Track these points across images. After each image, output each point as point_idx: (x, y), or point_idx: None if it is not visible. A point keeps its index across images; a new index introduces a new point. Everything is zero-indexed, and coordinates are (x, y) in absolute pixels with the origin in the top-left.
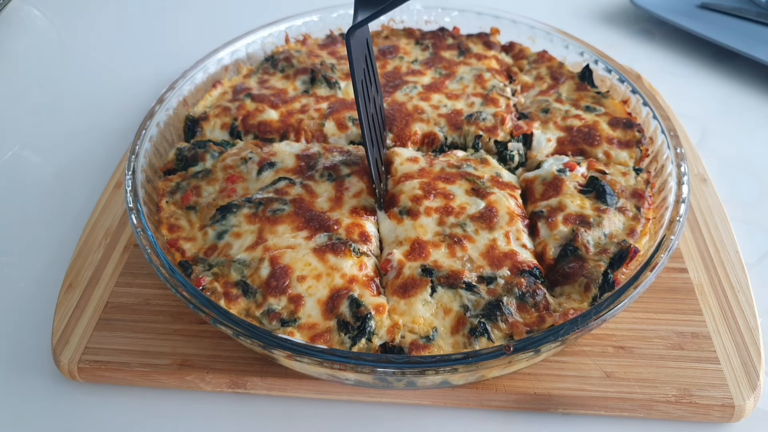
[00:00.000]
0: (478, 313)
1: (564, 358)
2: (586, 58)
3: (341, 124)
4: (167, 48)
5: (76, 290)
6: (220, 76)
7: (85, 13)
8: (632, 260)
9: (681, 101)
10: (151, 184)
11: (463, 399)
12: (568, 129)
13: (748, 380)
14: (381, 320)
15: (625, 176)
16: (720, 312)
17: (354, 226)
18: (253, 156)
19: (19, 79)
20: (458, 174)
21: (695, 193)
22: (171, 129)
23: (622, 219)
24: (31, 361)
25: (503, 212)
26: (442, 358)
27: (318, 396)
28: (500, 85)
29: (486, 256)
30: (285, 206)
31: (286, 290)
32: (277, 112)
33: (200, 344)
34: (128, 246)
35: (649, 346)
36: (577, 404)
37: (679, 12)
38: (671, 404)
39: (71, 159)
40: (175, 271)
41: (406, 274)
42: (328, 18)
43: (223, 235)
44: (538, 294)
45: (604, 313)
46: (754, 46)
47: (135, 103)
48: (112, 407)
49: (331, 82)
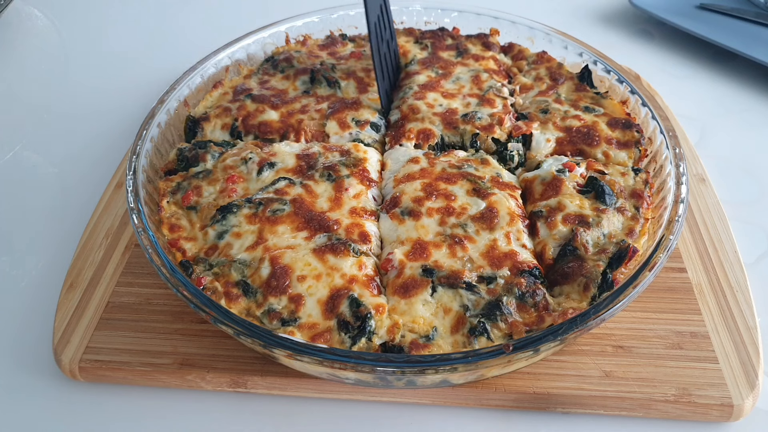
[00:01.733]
0: (478, 312)
1: (563, 357)
2: (585, 59)
3: (343, 123)
4: (168, 49)
5: (77, 290)
6: (221, 77)
7: (86, 14)
8: (631, 260)
9: (680, 101)
10: (152, 184)
11: (463, 398)
12: (567, 129)
13: (746, 380)
14: (381, 320)
15: (623, 176)
16: (719, 312)
17: (354, 226)
18: (254, 156)
19: (20, 80)
20: (459, 174)
21: (694, 193)
22: (172, 129)
23: (621, 219)
24: (32, 361)
25: (504, 212)
26: (441, 357)
27: (318, 395)
28: (497, 86)
29: (486, 256)
30: (285, 206)
31: (286, 290)
32: (278, 113)
33: (201, 344)
34: (129, 246)
35: (648, 346)
36: (576, 403)
37: (677, 12)
38: (670, 403)
39: (72, 159)
40: (176, 271)
41: (407, 274)
42: (328, 19)
43: (224, 235)
44: (538, 294)
45: (603, 312)
46: (753, 46)
47: (136, 104)
48: (113, 406)
49: (331, 82)
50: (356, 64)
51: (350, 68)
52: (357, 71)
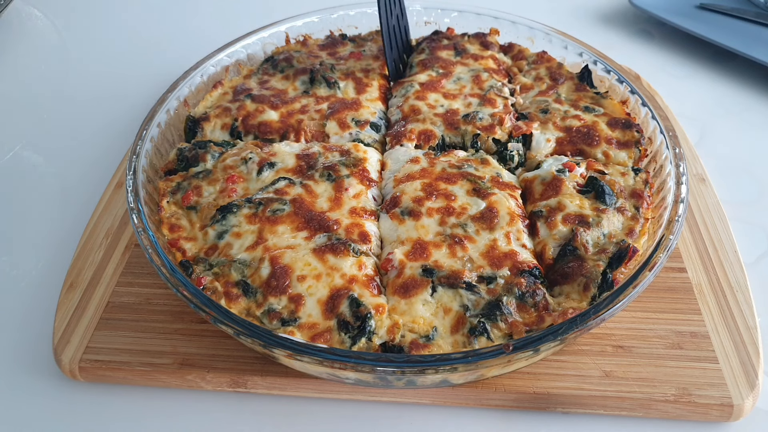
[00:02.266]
0: (478, 312)
1: (563, 357)
2: (585, 59)
3: (343, 124)
4: (168, 49)
5: (77, 290)
6: (221, 77)
7: (86, 14)
8: (631, 260)
9: (680, 101)
10: (152, 184)
11: (463, 398)
12: (568, 129)
13: (746, 379)
14: (381, 320)
15: (623, 176)
16: (719, 311)
17: (353, 226)
18: (253, 156)
19: (20, 80)
20: (459, 174)
21: (694, 193)
22: (172, 129)
23: (621, 219)
24: (32, 361)
25: (504, 212)
26: (441, 357)
27: (318, 395)
28: (498, 85)
29: (486, 256)
30: (285, 206)
31: (286, 290)
32: (277, 113)
33: (201, 343)
34: (129, 246)
35: (648, 346)
36: (576, 403)
37: (677, 13)
38: (670, 403)
39: (72, 159)
40: (176, 271)
41: (407, 274)
42: (328, 19)
43: (224, 235)
44: (538, 294)
45: (603, 312)
46: (753, 46)
47: (136, 104)
48: (113, 406)
49: (331, 82)
50: (356, 64)
51: (350, 68)
52: (356, 71)
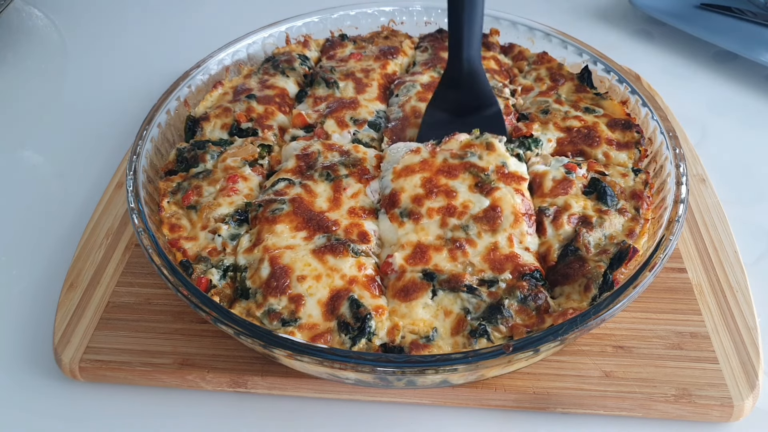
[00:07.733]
0: (479, 315)
1: (563, 357)
2: (585, 59)
3: (341, 122)
4: (169, 49)
5: (77, 290)
6: (221, 77)
7: (86, 14)
8: (631, 260)
9: (680, 102)
10: (152, 184)
11: (463, 398)
12: (568, 130)
13: (746, 380)
14: (381, 321)
15: (624, 177)
16: (719, 312)
17: (352, 226)
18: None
19: (21, 79)
20: (461, 165)
21: (694, 193)
22: (172, 129)
23: (621, 220)
24: (32, 361)
25: (508, 212)
26: (442, 357)
27: (318, 395)
28: (499, 86)
29: (488, 259)
30: (284, 206)
31: (286, 290)
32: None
33: (201, 344)
34: (129, 246)
35: (648, 346)
36: (576, 403)
37: (677, 13)
38: (670, 404)
39: (73, 159)
40: (176, 271)
41: (407, 278)
42: (329, 19)
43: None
44: (540, 297)
45: (603, 312)
46: (753, 47)
47: (136, 104)
48: (114, 406)
49: (329, 82)
50: (355, 65)
51: (349, 69)
52: (356, 72)
